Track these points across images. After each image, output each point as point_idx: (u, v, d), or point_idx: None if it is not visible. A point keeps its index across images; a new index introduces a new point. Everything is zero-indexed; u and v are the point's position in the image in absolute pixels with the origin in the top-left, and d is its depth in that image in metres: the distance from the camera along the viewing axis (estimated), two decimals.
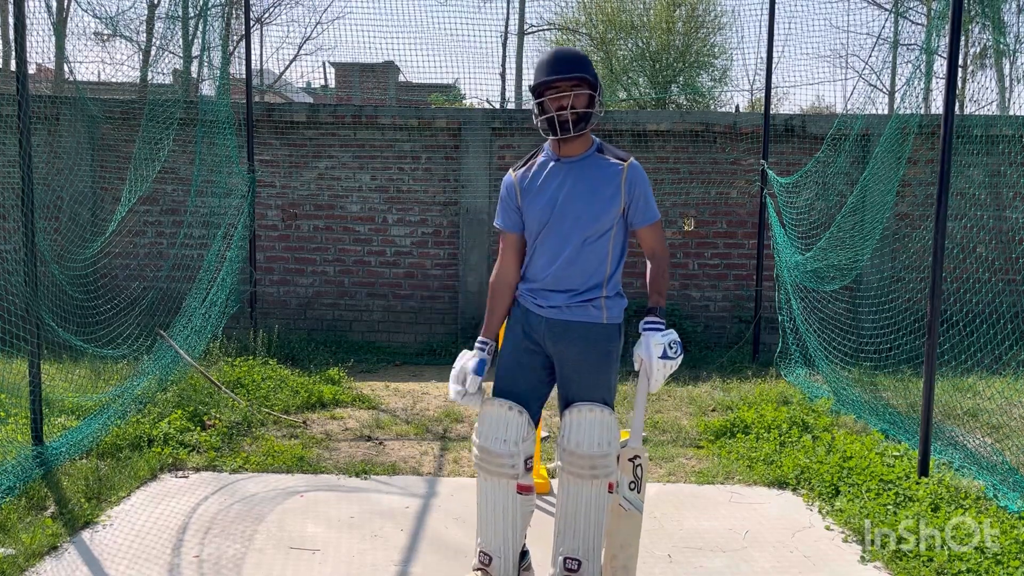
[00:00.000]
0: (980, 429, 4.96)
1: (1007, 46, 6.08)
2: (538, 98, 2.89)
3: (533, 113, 2.95)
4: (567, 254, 2.91)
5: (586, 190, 2.91)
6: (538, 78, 2.89)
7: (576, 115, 2.85)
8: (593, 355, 2.91)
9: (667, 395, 6.24)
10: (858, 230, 5.98)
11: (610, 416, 2.89)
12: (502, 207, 3.06)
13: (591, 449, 2.85)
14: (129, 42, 11.69)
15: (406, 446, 4.98)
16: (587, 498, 2.89)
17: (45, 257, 4.49)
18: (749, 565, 3.42)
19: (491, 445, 2.89)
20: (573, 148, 2.95)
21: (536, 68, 2.94)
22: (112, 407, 4.89)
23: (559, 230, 2.92)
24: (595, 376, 2.92)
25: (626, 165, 2.93)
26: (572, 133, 2.86)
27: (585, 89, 2.87)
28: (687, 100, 18.60)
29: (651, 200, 2.98)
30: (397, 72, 14.50)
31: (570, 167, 2.95)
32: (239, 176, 7.08)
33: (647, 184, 2.97)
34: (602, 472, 2.86)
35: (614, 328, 2.96)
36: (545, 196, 2.94)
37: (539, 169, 3.00)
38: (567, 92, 2.84)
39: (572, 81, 2.85)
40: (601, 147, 3.00)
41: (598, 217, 2.90)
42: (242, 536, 3.61)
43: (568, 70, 2.84)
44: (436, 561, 3.41)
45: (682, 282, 8.28)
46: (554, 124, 2.85)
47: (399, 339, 8.32)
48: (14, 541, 3.36)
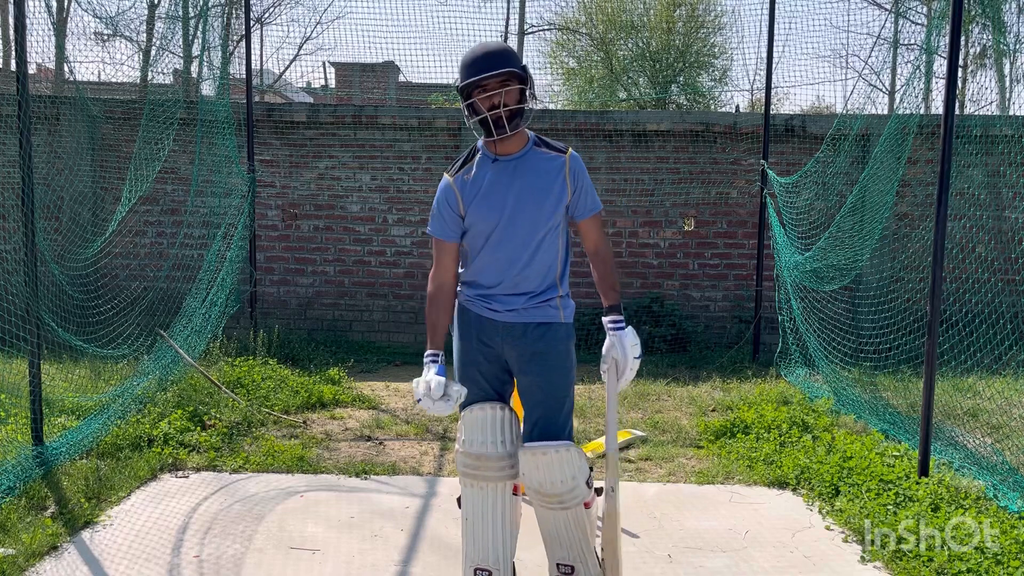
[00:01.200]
0: (980, 429, 4.95)
1: (1007, 46, 6.08)
2: (467, 100, 2.76)
3: (464, 115, 2.84)
4: (524, 258, 2.80)
5: (535, 189, 2.80)
6: (464, 78, 2.73)
7: (509, 112, 2.70)
8: (553, 355, 2.82)
9: (667, 395, 6.24)
10: (858, 230, 5.97)
11: (567, 451, 2.75)
12: (439, 214, 2.86)
13: (553, 488, 2.75)
14: (129, 42, 11.68)
15: (406, 446, 4.99)
16: (564, 522, 2.82)
17: (45, 257, 4.49)
18: (749, 565, 3.42)
19: (485, 450, 2.79)
20: (510, 146, 2.81)
21: (461, 67, 2.77)
22: (112, 407, 4.89)
23: (512, 234, 2.80)
24: (556, 376, 2.82)
25: (567, 156, 2.83)
26: (508, 132, 2.71)
27: (515, 84, 2.72)
28: (687, 100, 18.60)
29: (593, 190, 2.89)
30: (397, 72, 14.51)
31: (512, 166, 2.82)
32: (239, 176, 7.08)
33: (586, 174, 2.88)
34: (572, 502, 2.78)
35: (570, 327, 2.90)
36: (491, 200, 2.80)
37: (479, 171, 2.84)
38: (497, 90, 2.70)
39: (501, 77, 2.70)
40: (537, 140, 2.88)
41: (550, 215, 2.81)
42: (242, 536, 3.61)
43: (495, 66, 2.69)
44: (436, 561, 3.41)
45: (682, 282, 8.28)
46: (488, 125, 2.71)
47: (399, 339, 8.32)
48: (14, 541, 3.36)
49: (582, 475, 2.79)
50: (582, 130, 8.18)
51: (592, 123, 8.24)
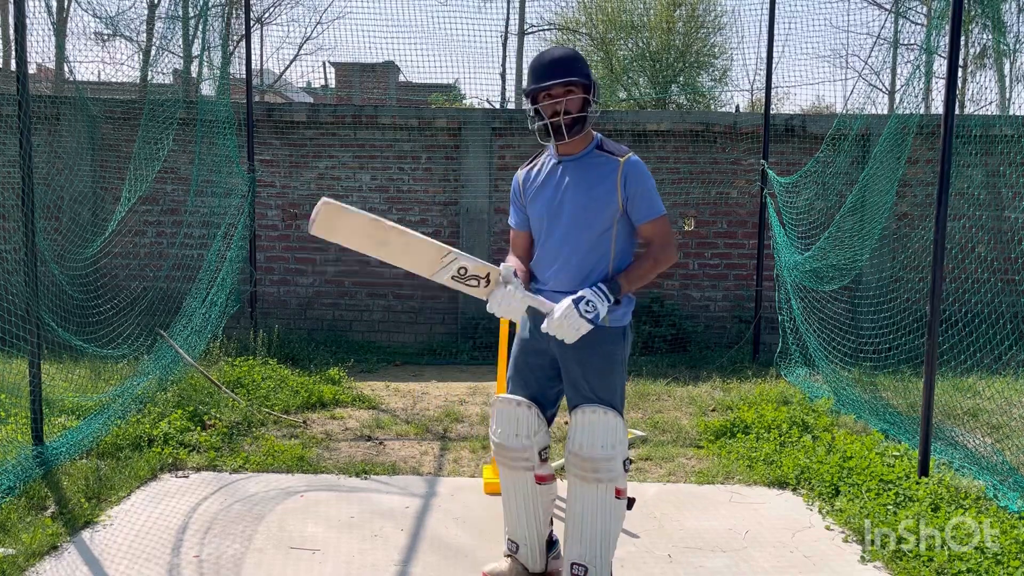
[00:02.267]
0: (980, 429, 4.96)
1: (1007, 46, 6.08)
2: (533, 104, 2.88)
3: (528, 117, 2.93)
4: (565, 255, 2.90)
5: (582, 189, 2.89)
6: (531, 84, 2.87)
7: (571, 119, 2.83)
8: (596, 358, 2.87)
9: (667, 395, 6.24)
10: (857, 230, 5.97)
11: (615, 419, 2.86)
12: (512, 205, 3.12)
13: (592, 452, 2.84)
14: (129, 42, 11.70)
15: (406, 446, 4.99)
16: (592, 502, 2.87)
17: (45, 257, 4.49)
18: (749, 565, 3.42)
19: (506, 441, 3.01)
20: (572, 147, 2.94)
21: (529, 71, 2.91)
22: (112, 407, 4.89)
23: (558, 231, 2.92)
24: (598, 379, 2.89)
25: (622, 161, 2.88)
26: (567, 139, 2.85)
27: (579, 92, 2.84)
28: (687, 100, 18.60)
29: (651, 196, 2.89)
30: (397, 72, 14.51)
31: (569, 167, 2.94)
32: (239, 176, 7.08)
33: (646, 179, 2.89)
34: (606, 475, 2.84)
35: (618, 331, 2.92)
36: (545, 196, 2.96)
37: (541, 168, 3.02)
38: (560, 97, 2.82)
39: (565, 85, 2.82)
40: (601, 143, 2.97)
41: (595, 216, 2.87)
42: (242, 536, 3.61)
43: (561, 74, 2.82)
44: (436, 561, 3.41)
45: (682, 282, 8.28)
46: (548, 130, 2.85)
47: (399, 339, 8.32)
48: (14, 541, 3.36)
49: (621, 451, 2.87)
50: None
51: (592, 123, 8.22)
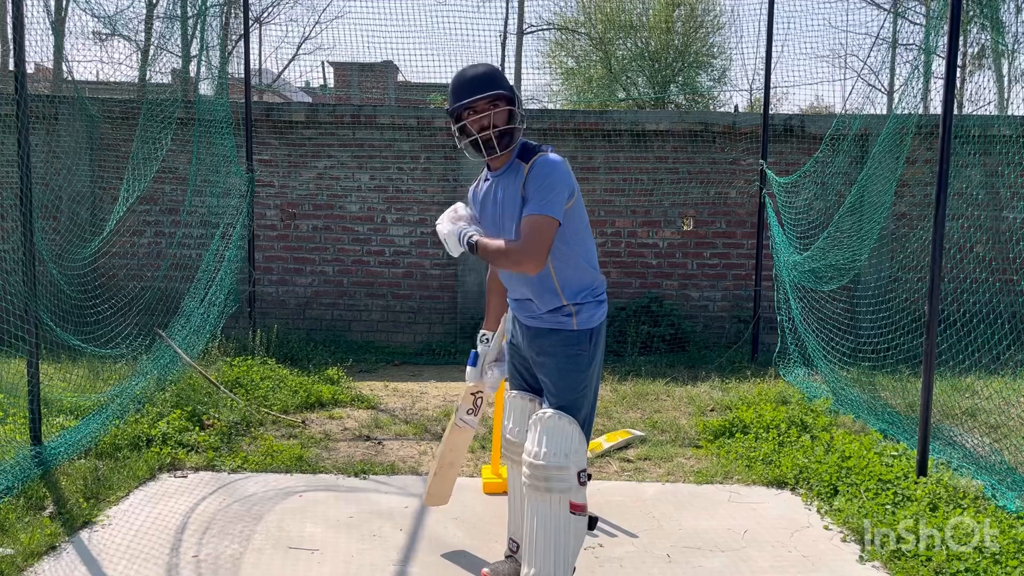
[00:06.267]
0: (978, 429, 4.96)
1: (1005, 46, 6.08)
2: (458, 122, 2.84)
3: (455, 136, 2.89)
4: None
5: (505, 203, 2.85)
6: (454, 102, 2.81)
7: (499, 131, 2.80)
8: (559, 359, 2.83)
9: (666, 395, 6.24)
10: (856, 230, 5.97)
11: (570, 425, 2.77)
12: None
13: (543, 459, 2.74)
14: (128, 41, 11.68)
15: (405, 446, 4.98)
16: (545, 514, 2.75)
17: (43, 257, 4.49)
18: (748, 565, 3.42)
19: (514, 437, 3.06)
20: (499, 161, 2.90)
21: (450, 91, 2.85)
22: (110, 407, 4.89)
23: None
24: (561, 382, 2.83)
25: (527, 166, 2.78)
26: (499, 152, 2.82)
27: (503, 105, 2.80)
28: (686, 100, 18.61)
29: (542, 193, 2.70)
30: (396, 72, 14.52)
31: (500, 181, 2.90)
32: (238, 176, 7.08)
33: (545, 178, 2.72)
34: (557, 485, 2.73)
35: (584, 334, 2.84)
36: (488, 213, 2.95)
37: (481, 184, 3.03)
38: (486, 111, 2.78)
39: (489, 99, 2.78)
40: (521, 151, 2.86)
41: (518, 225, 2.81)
42: (240, 536, 3.61)
43: (483, 88, 2.77)
44: (435, 561, 3.41)
45: (681, 282, 8.28)
46: (479, 146, 2.82)
47: (398, 339, 8.31)
48: (13, 541, 3.36)
49: (576, 461, 2.77)
50: (581, 130, 8.19)
51: (591, 123, 8.24)
